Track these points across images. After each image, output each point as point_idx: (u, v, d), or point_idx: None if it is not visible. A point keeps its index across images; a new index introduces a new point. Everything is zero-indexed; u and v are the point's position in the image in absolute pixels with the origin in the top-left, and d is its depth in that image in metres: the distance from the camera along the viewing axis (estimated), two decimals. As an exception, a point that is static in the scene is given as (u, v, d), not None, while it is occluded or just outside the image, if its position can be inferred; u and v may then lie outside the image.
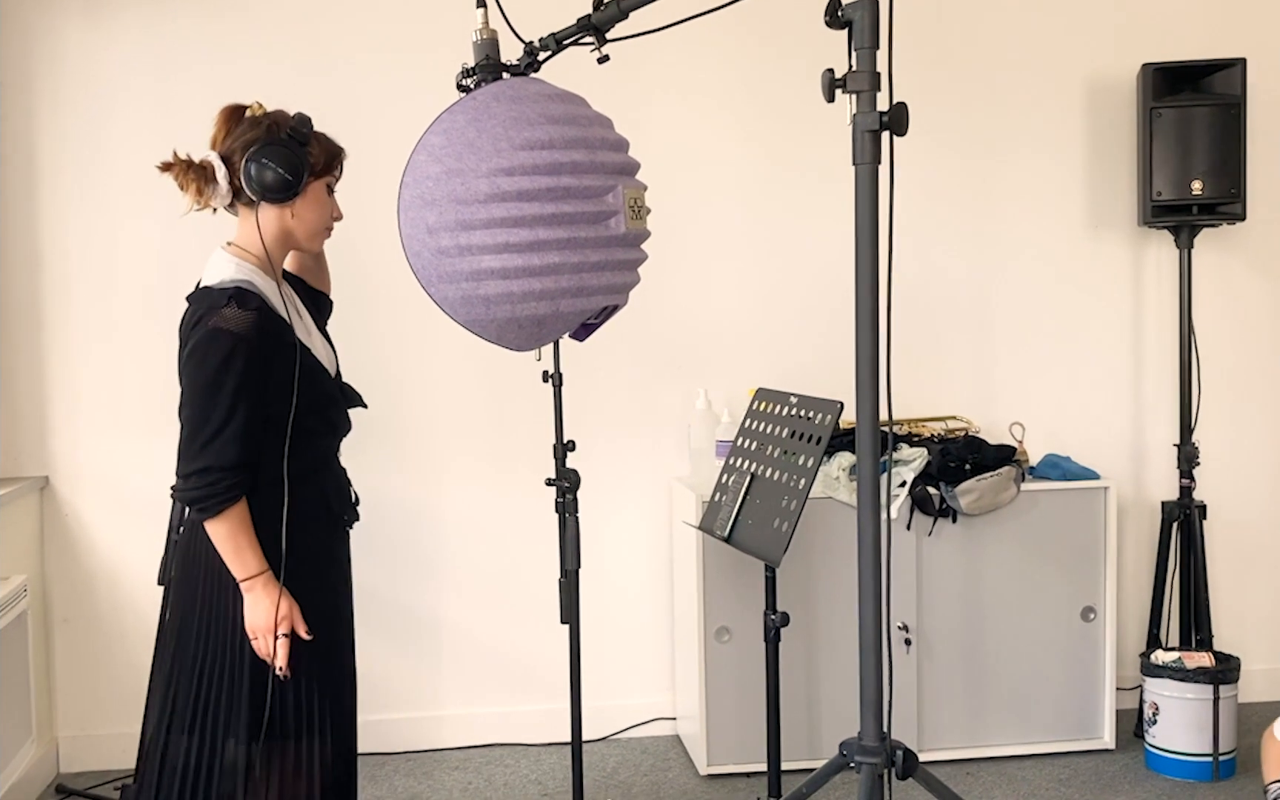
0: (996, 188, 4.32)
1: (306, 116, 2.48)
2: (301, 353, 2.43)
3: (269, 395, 2.38)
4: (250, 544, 2.37)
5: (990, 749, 3.93)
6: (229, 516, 2.34)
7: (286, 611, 2.38)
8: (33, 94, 3.92)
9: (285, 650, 2.38)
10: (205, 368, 2.32)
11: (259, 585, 2.37)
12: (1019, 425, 4.22)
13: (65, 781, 3.94)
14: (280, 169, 2.39)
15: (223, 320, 2.32)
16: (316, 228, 2.51)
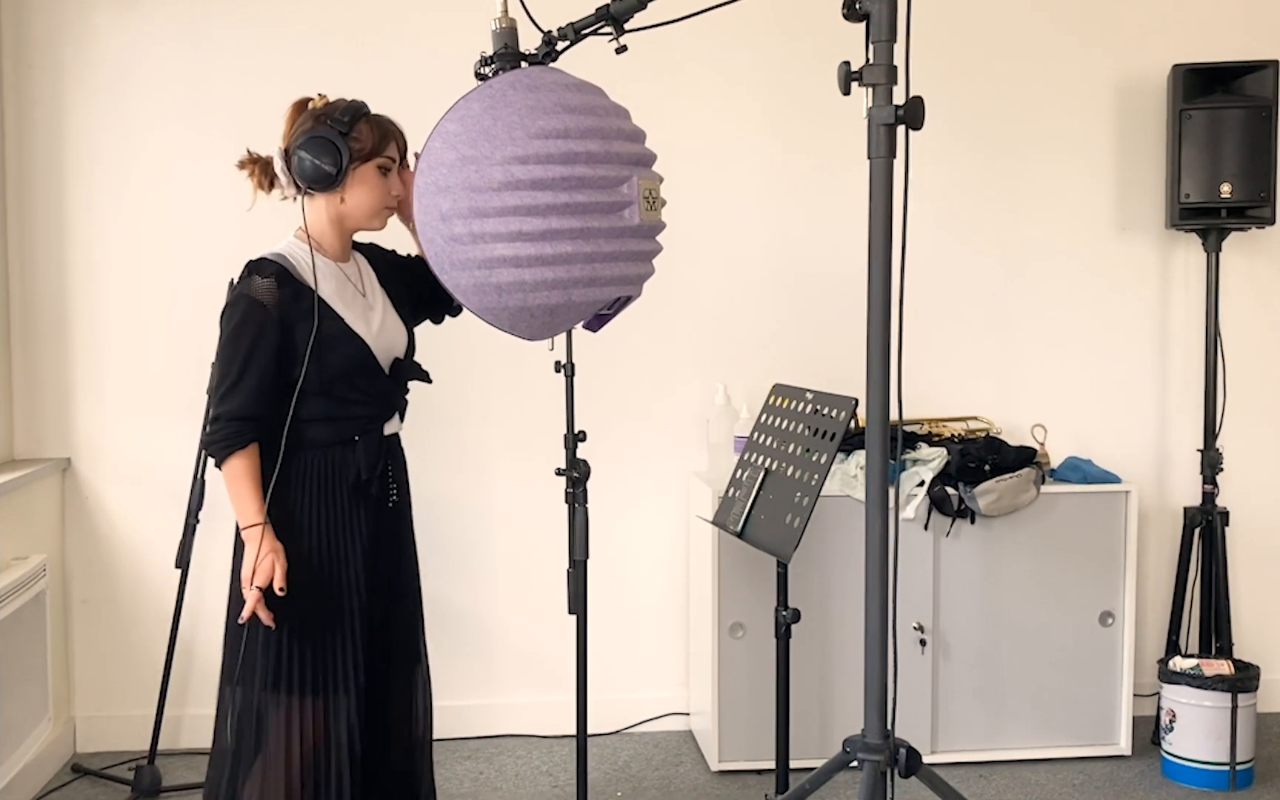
0: (1023, 187, 4.29)
1: (357, 104, 2.60)
2: (327, 321, 2.54)
3: (291, 358, 2.53)
4: (253, 493, 2.52)
5: (1004, 752, 3.91)
6: (234, 463, 2.51)
7: (268, 567, 2.48)
8: (62, 77, 3.94)
9: (256, 600, 2.48)
10: (226, 328, 2.54)
11: (255, 535, 2.51)
12: (1041, 427, 4.18)
13: (81, 761, 3.97)
14: (318, 160, 2.53)
15: (245, 287, 2.53)
16: (371, 209, 2.62)
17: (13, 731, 3.36)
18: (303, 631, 2.55)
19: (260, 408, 2.51)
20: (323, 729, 2.58)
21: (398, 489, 2.75)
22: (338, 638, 2.59)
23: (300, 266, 2.58)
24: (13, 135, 3.93)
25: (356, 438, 2.61)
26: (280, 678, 2.54)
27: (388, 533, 2.73)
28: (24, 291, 3.97)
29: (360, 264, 2.75)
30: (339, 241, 2.66)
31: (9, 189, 3.94)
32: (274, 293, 2.51)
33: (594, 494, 4.10)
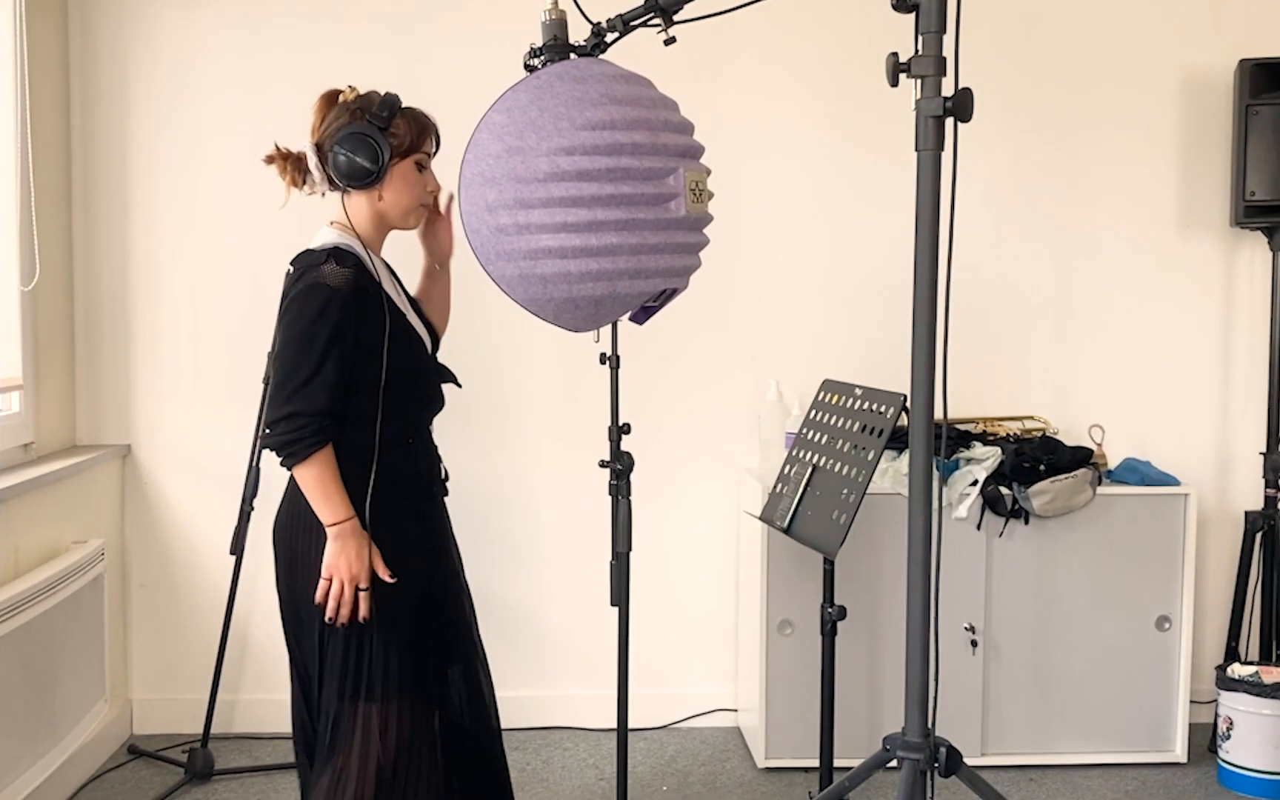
0: (1083, 182, 4.22)
1: (392, 97, 2.53)
2: (395, 317, 2.50)
3: (361, 353, 2.45)
4: (338, 489, 2.42)
5: (1056, 756, 3.85)
6: (316, 461, 2.41)
7: (367, 562, 2.43)
8: (126, 75, 4.01)
9: (367, 602, 2.43)
10: (301, 318, 2.41)
11: (347, 531, 2.43)
12: (1098, 427, 4.12)
13: (137, 742, 4.04)
14: (359, 158, 2.48)
15: (321, 275, 2.43)
16: (408, 206, 2.57)
17: (70, 712, 3.43)
18: (395, 634, 2.50)
19: (337, 404, 2.42)
20: (419, 730, 2.54)
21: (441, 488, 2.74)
22: (425, 637, 2.57)
23: (365, 260, 2.52)
24: (79, 131, 4.01)
25: (410, 440, 2.58)
26: (375, 682, 2.48)
27: (441, 530, 2.73)
28: (88, 283, 4.04)
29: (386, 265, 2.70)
30: (379, 239, 2.61)
31: (75, 184, 4.01)
32: (352, 283, 2.44)
33: (646, 489, 4.13)
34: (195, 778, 3.75)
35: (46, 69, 3.83)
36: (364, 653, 2.48)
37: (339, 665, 2.48)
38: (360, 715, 2.48)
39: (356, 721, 2.48)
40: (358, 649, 2.48)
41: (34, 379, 3.71)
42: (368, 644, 2.48)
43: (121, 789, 3.70)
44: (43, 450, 3.76)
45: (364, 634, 2.47)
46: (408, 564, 2.52)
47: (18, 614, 3.10)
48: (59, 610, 3.34)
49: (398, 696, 2.50)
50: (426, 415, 2.68)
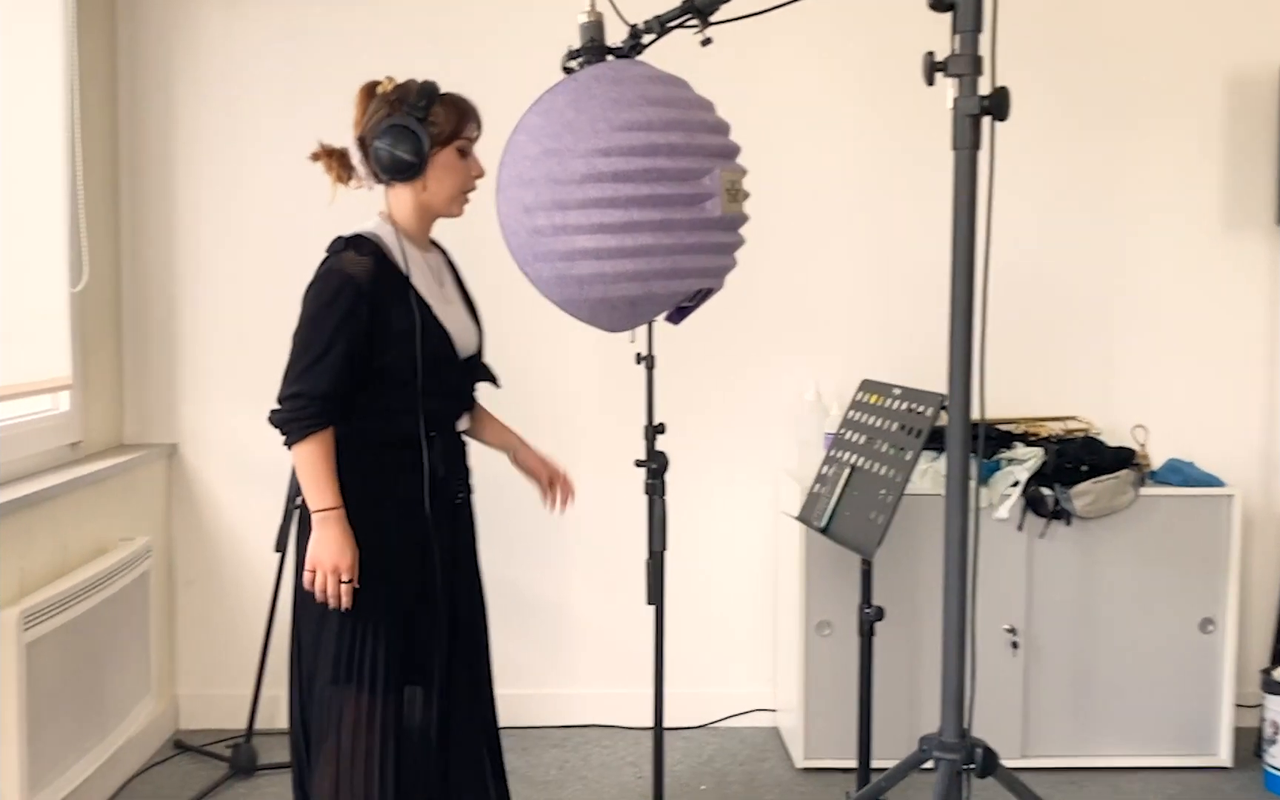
0: (1126, 180, 4.19)
1: (429, 85, 2.55)
2: (420, 310, 2.50)
3: (381, 344, 2.47)
4: (328, 477, 2.44)
5: (1098, 759, 3.82)
6: (310, 445, 2.44)
7: (350, 561, 2.43)
8: (172, 76, 4.07)
9: (349, 593, 2.44)
10: (314, 302, 2.46)
11: (330, 520, 2.44)
12: (1142, 428, 4.09)
13: (183, 737, 4.10)
14: (400, 150, 2.50)
15: (339, 262, 2.48)
16: (452, 193, 2.59)
17: (117, 706, 3.48)
18: (379, 623, 2.52)
19: (338, 387, 2.44)
20: (397, 722, 2.56)
21: (464, 487, 2.73)
22: (417, 630, 2.58)
23: (393, 250, 2.54)
24: (126, 136, 4.07)
25: (433, 434, 2.57)
26: (354, 669, 2.50)
27: (457, 530, 2.71)
28: (135, 285, 4.11)
29: (439, 257, 2.74)
30: (421, 230, 2.63)
31: (122, 187, 4.08)
32: (370, 271, 2.46)
33: (685, 489, 4.14)
34: (239, 772, 3.80)
35: (95, 75, 3.90)
36: (344, 640, 2.50)
37: (325, 649, 2.51)
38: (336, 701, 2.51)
39: (333, 707, 2.52)
40: (337, 635, 2.50)
41: (82, 379, 3.78)
42: (347, 631, 2.50)
43: (167, 783, 3.76)
44: (90, 449, 3.82)
45: (345, 620, 2.49)
46: (400, 559, 2.54)
47: (66, 610, 3.16)
48: (106, 606, 3.39)
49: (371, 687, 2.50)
50: (450, 410, 2.66)
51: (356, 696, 2.50)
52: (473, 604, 2.77)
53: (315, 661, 2.55)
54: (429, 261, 2.66)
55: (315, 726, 2.55)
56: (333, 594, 2.44)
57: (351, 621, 2.49)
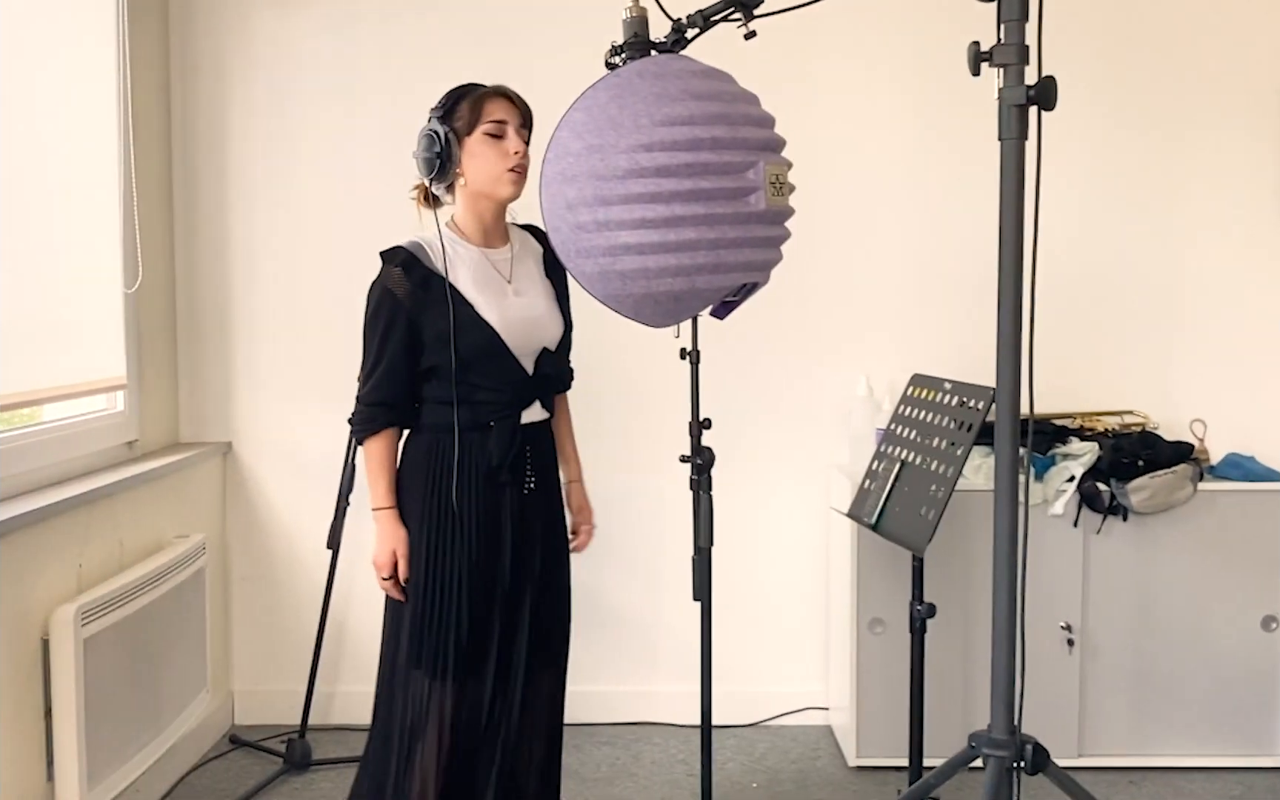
0: (1182, 171, 4.11)
1: (456, 88, 2.66)
2: (456, 306, 2.59)
3: (428, 342, 2.61)
4: (384, 477, 2.65)
5: (1157, 759, 3.76)
6: (370, 447, 2.65)
7: (385, 559, 2.63)
8: (225, 80, 4.12)
9: (394, 588, 2.63)
10: (365, 318, 2.66)
11: (382, 519, 2.65)
12: (1200, 422, 4.01)
13: (239, 732, 4.15)
14: (424, 155, 2.63)
15: (380, 275, 2.64)
16: (491, 175, 2.64)
17: (173, 701, 3.53)
18: (438, 613, 2.60)
19: (392, 394, 2.63)
20: (460, 712, 2.62)
21: (536, 476, 2.74)
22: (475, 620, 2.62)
23: (433, 253, 2.64)
24: (179, 138, 4.12)
25: (491, 424, 2.64)
26: (416, 659, 2.60)
27: (532, 520, 2.73)
28: (189, 286, 4.16)
29: (519, 249, 2.77)
30: (480, 225, 2.70)
31: (176, 189, 4.13)
32: (402, 281, 2.59)
33: (736, 485, 4.12)
34: (293, 767, 3.84)
35: (147, 78, 3.95)
36: (414, 626, 2.63)
37: (400, 635, 2.66)
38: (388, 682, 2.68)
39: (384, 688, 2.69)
40: (409, 620, 2.63)
41: (138, 379, 3.83)
42: (405, 617, 2.64)
43: (223, 777, 3.80)
44: (146, 448, 3.88)
45: (415, 607, 2.63)
46: (460, 547, 2.62)
47: (122, 606, 3.21)
48: (162, 603, 3.44)
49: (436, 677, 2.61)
50: (510, 401, 2.68)
51: (424, 681, 2.61)
52: (555, 593, 2.81)
53: (395, 648, 2.67)
54: (494, 257, 2.71)
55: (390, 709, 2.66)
56: (383, 588, 2.63)
57: (421, 608, 2.62)
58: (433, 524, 2.62)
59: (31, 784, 2.95)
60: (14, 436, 3.12)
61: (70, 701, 2.97)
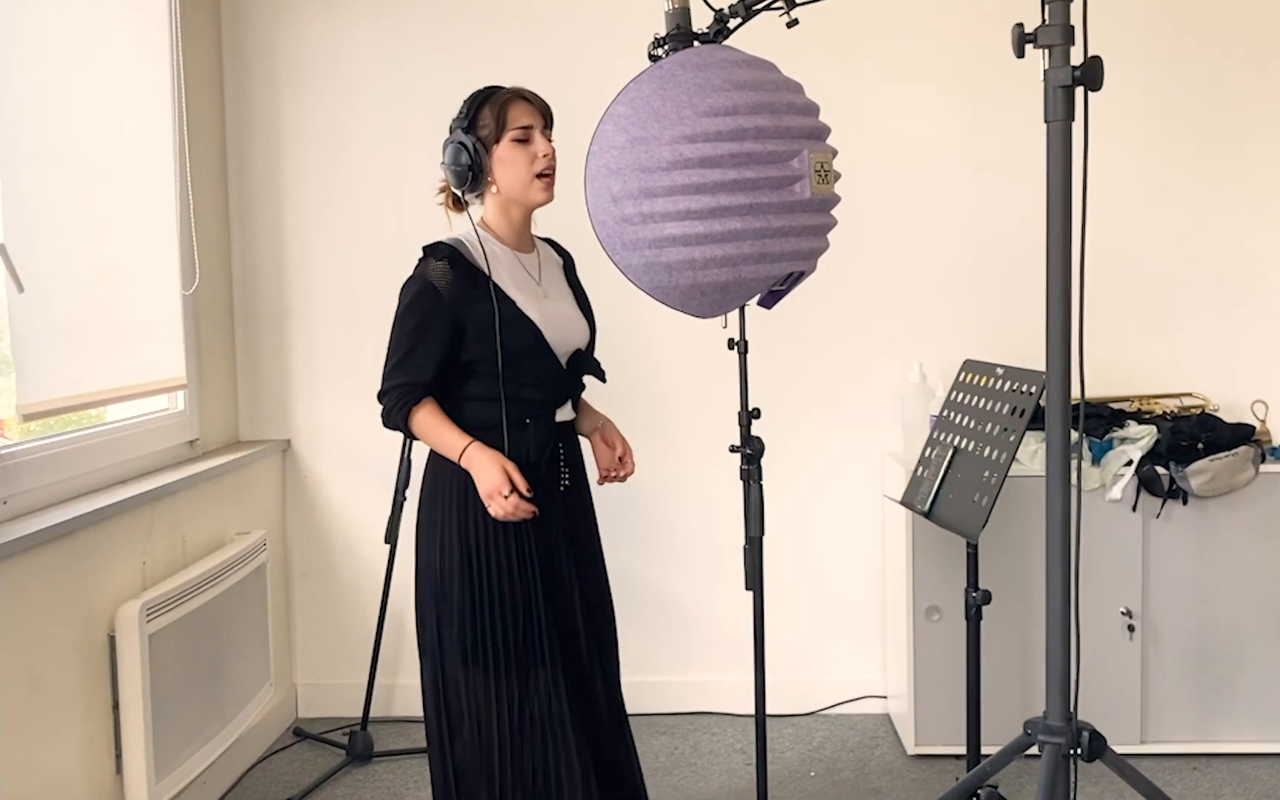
0: (1241, 145, 4.04)
1: (476, 93, 2.67)
2: (500, 303, 2.59)
3: (465, 339, 2.60)
4: (448, 426, 2.61)
5: (1222, 745, 3.71)
6: (417, 419, 2.64)
7: (498, 479, 2.55)
8: (277, 80, 4.17)
9: (515, 504, 2.55)
10: (399, 308, 2.66)
11: (470, 456, 2.59)
12: (1262, 403, 3.95)
13: (302, 725, 4.21)
14: (453, 166, 2.65)
15: (421, 269, 2.65)
16: (522, 181, 2.66)
17: (237, 695, 3.59)
18: (486, 608, 2.61)
19: (426, 377, 2.61)
20: (518, 705, 2.63)
21: (571, 473, 2.77)
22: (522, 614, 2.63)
23: (474, 250, 2.66)
24: (233, 134, 4.19)
25: (528, 421, 2.65)
26: (479, 653, 2.61)
27: (567, 517, 2.75)
28: (246, 286, 4.22)
29: (543, 256, 2.81)
30: (512, 229, 2.72)
31: (230, 187, 4.20)
32: (446, 275, 2.59)
33: (790, 474, 4.12)
34: (356, 760, 3.89)
35: (201, 80, 4.02)
36: (465, 624, 2.62)
37: (450, 634, 2.64)
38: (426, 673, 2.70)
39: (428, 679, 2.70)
40: (459, 619, 2.63)
41: (197, 379, 3.90)
42: (468, 614, 2.62)
43: (288, 769, 3.86)
44: (207, 446, 3.95)
45: (464, 605, 2.62)
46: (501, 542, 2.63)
47: (186, 602, 3.27)
48: (224, 598, 3.50)
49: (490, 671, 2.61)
50: (547, 399, 2.70)
51: (484, 680, 2.61)
52: (595, 589, 2.82)
53: (442, 646, 2.66)
54: (525, 260, 2.73)
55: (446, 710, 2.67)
56: (511, 513, 2.56)
57: (471, 606, 2.61)
58: (476, 527, 2.62)
59: (102, 777, 3.02)
60: (80, 437, 3.19)
61: (136, 696, 3.03)
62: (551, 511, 2.71)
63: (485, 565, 2.62)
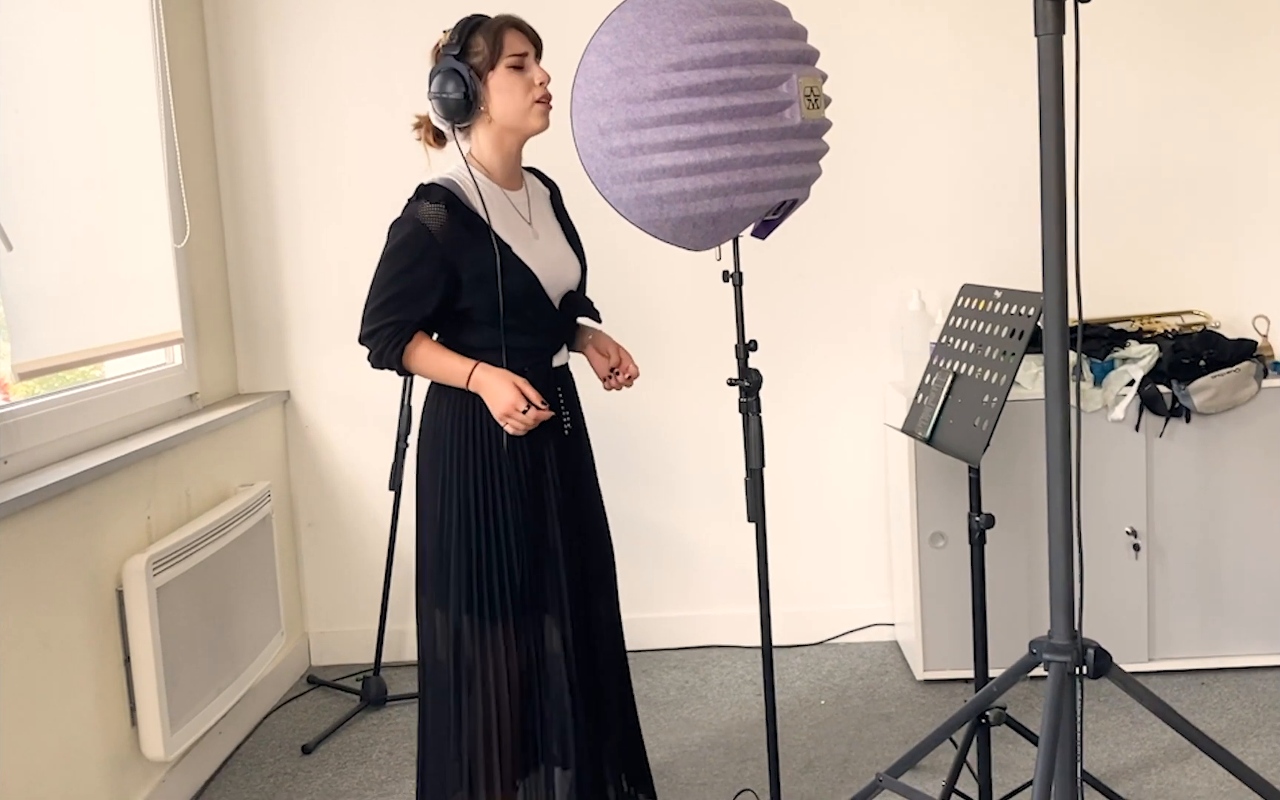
0: (1239, 61, 3.99)
1: (464, 20, 2.56)
2: (502, 251, 2.53)
3: (461, 287, 2.53)
4: (448, 355, 2.56)
5: (1228, 659, 3.72)
6: (413, 355, 2.58)
7: (511, 397, 2.51)
8: (260, 28, 4.13)
9: (535, 416, 2.52)
10: (387, 246, 2.57)
11: (480, 377, 2.55)
12: (1264, 318, 3.93)
13: (316, 673, 4.25)
14: (445, 94, 2.54)
15: (413, 209, 2.55)
16: (519, 109, 2.57)
17: (249, 645, 3.61)
18: (493, 556, 2.60)
19: (416, 316, 2.54)
20: (526, 651, 2.64)
21: (571, 417, 2.74)
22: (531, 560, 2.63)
23: (469, 192, 2.57)
24: (219, 89, 4.15)
25: (525, 369, 2.60)
26: (473, 602, 2.60)
27: (568, 461, 2.73)
28: (239, 238, 4.20)
29: (531, 191, 2.72)
30: (504, 165, 2.63)
31: (219, 141, 4.16)
32: (442, 219, 2.50)
33: (792, 406, 4.12)
34: (370, 705, 3.92)
35: (184, 34, 3.98)
36: (466, 571, 2.61)
37: (451, 582, 2.63)
38: (426, 616, 2.68)
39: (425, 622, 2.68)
40: (458, 566, 2.61)
41: (194, 332, 3.89)
42: (468, 562, 2.61)
43: (303, 716, 3.90)
44: (207, 400, 3.95)
45: (465, 552, 2.60)
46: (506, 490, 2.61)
47: (192, 555, 3.28)
48: (230, 550, 3.51)
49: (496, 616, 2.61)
50: (544, 345, 2.67)
51: (483, 625, 2.60)
52: (595, 531, 2.80)
53: (444, 593, 2.64)
54: (514, 198, 2.65)
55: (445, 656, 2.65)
56: (531, 426, 2.53)
57: (472, 553, 2.60)
58: (476, 467, 2.60)
59: (117, 729, 3.04)
60: (78, 394, 3.18)
61: (147, 649, 3.05)
62: (557, 457, 2.70)
63: (489, 509, 2.60)
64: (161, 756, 3.08)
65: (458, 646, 2.63)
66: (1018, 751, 3.27)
